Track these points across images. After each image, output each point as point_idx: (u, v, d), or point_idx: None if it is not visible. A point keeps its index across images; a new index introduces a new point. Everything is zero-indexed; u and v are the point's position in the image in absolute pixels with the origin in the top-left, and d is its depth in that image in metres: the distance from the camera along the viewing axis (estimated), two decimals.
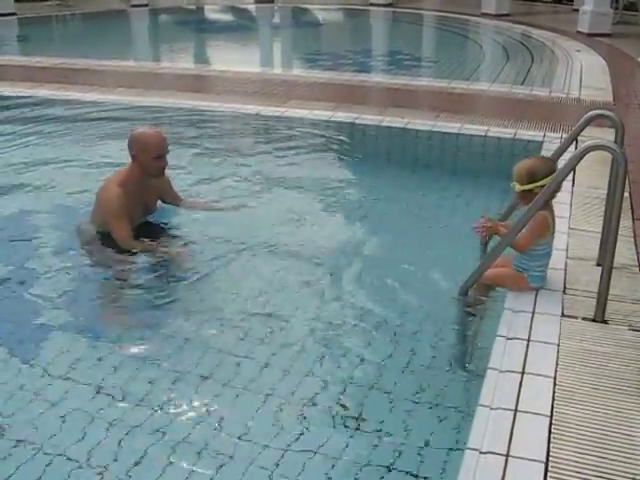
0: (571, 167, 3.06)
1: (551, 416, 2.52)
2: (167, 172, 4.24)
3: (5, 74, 9.04)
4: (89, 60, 10.05)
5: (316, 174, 5.54)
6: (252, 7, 19.29)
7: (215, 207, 4.62)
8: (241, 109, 7.04)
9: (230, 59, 11.69)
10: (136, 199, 4.07)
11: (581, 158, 3.02)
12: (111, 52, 11.06)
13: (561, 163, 3.39)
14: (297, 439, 2.71)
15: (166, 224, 4.39)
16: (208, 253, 4.17)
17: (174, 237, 4.28)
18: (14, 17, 15.95)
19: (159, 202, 4.43)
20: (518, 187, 3.36)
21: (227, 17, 19.21)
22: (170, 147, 4.16)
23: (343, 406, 2.88)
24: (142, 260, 3.98)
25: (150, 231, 4.21)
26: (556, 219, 4.20)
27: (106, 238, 4.04)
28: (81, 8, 17.78)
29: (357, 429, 2.77)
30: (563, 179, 3.08)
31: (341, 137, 6.29)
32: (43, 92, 7.91)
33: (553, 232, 3.44)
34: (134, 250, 3.98)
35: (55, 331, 3.49)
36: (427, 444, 2.67)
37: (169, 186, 4.44)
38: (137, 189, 4.06)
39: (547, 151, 5.38)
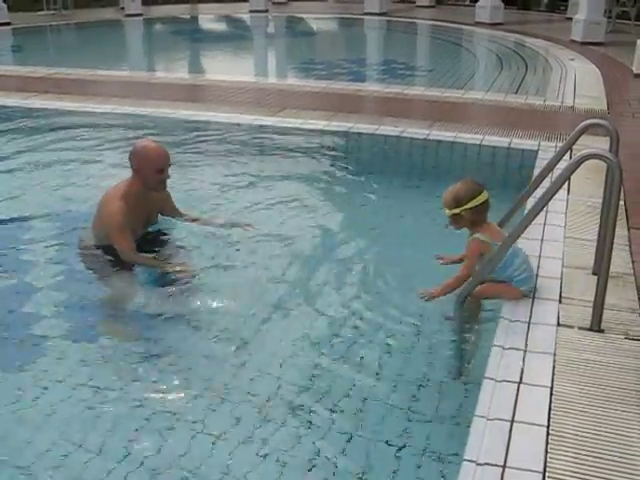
0: (566, 176, 3.06)
1: (548, 426, 2.51)
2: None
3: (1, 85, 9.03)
4: (84, 70, 10.04)
5: (312, 184, 5.54)
6: (246, 16, 19.32)
7: (214, 223, 4.57)
8: (236, 118, 7.04)
9: (225, 68, 11.72)
10: (138, 212, 4.04)
11: (577, 167, 3.02)
12: (106, 62, 11.06)
13: (556, 172, 3.39)
14: (288, 448, 2.70)
15: (166, 236, 4.35)
16: (205, 268, 4.14)
17: (174, 251, 4.24)
18: (8, 27, 15.96)
19: (159, 215, 4.40)
20: (447, 212, 3.48)
21: (221, 26, 19.23)
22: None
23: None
24: (142, 274, 3.97)
25: (151, 243, 4.19)
26: (552, 227, 4.24)
27: (107, 251, 4.00)
28: (75, 18, 17.80)
29: (352, 439, 2.75)
30: (559, 188, 3.08)
31: (336, 146, 6.29)
32: (38, 102, 7.89)
33: (496, 240, 3.42)
34: (137, 263, 3.97)
35: (52, 343, 3.47)
36: (423, 455, 2.66)
37: (169, 199, 4.42)
38: (138, 202, 4.03)
39: (542, 160, 5.40)
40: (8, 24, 16.05)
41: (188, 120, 7.09)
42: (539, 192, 3.63)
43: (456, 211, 3.42)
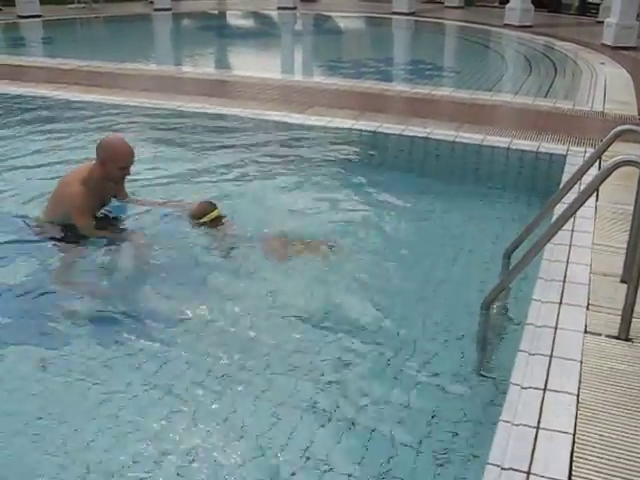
0: (599, 182, 3.03)
1: (574, 434, 2.49)
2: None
3: (30, 75, 9.15)
4: (113, 63, 10.14)
5: (337, 182, 5.55)
6: (274, 13, 19.36)
7: (156, 202, 4.79)
8: (262, 115, 7.06)
9: (252, 65, 11.75)
10: (95, 196, 4.35)
11: (610, 174, 2.98)
12: (134, 56, 11.16)
13: (587, 178, 3.36)
14: (306, 451, 2.70)
15: (119, 214, 4.64)
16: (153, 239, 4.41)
17: (125, 224, 4.57)
18: (39, 19, 16.16)
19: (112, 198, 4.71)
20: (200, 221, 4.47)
21: (249, 23, 19.31)
22: (190, 151, 4.23)
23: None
24: (99, 248, 4.23)
25: (105, 219, 4.53)
26: (580, 233, 4.20)
27: (67, 229, 4.28)
28: (105, 12, 17.97)
29: (372, 439, 2.75)
30: (591, 194, 3.05)
31: (362, 145, 6.28)
32: (67, 94, 7.99)
33: None
34: (95, 236, 4.29)
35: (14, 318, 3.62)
36: (447, 459, 2.65)
37: (123, 187, 4.68)
38: (97, 187, 4.33)
39: (571, 165, 5.35)
40: (39, 16, 16.25)
41: (214, 115, 7.13)
42: (568, 197, 3.62)
43: (200, 222, 4.46)
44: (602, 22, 13.55)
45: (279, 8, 19.40)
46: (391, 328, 3.54)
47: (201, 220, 4.48)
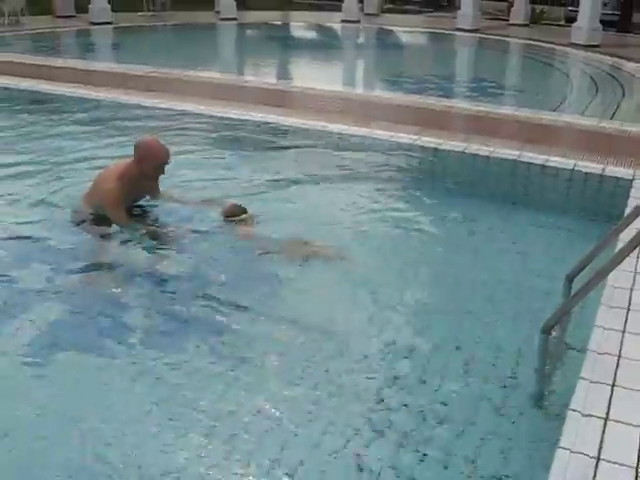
0: None
1: (637, 468, 2.42)
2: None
3: (101, 80, 9.43)
4: (179, 70, 10.37)
5: (394, 197, 5.56)
6: (337, 26, 19.50)
7: (190, 201, 5.00)
8: (326, 128, 7.08)
9: (313, 76, 11.86)
10: (129, 191, 4.60)
11: None
12: (200, 63, 11.39)
13: None
14: (363, 464, 2.70)
15: (150, 208, 4.94)
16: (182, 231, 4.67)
17: (156, 217, 4.87)
18: (110, 26, 16.67)
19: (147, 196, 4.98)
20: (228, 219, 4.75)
21: (312, 35, 19.49)
22: (248, 157, 5.01)
23: None
24: (128, 239, 4.52)
25: (138, 213, 4.83)
26: None
27: (99, 218, 4.60)
28: (172, 20, 18.41)
29: (423, 461, 2.73)
30: None
31: (424, 162, 6.26)
32: (135, 99, 8.22)
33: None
34: (126, 227, 4.58)
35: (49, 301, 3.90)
36: None
37: (158, 186, 4.92)
38: (132, 184, 4.59)
39: (638, 190, 5.22)
40: (110, 23, 16.79)
41: (275, 124, 7.20)
42: (636, 224, 3.53)
43: (228, 219, 4.73)
44: None
45: (342, 21, 19.54)
46: (443, 347, 3.51)
47: (240, 217, 4.72)
